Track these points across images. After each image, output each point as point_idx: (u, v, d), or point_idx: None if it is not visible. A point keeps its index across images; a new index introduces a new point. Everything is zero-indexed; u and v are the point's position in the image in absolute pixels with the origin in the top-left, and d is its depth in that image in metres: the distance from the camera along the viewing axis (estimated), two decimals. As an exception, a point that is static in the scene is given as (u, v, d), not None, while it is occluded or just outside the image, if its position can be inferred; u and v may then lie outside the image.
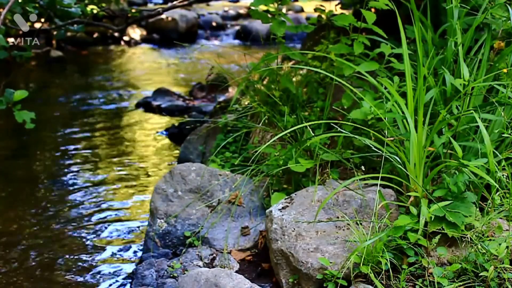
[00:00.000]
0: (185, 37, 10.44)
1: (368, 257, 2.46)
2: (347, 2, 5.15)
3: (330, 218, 2.77)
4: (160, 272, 2.99)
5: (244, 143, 3.85)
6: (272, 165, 3.28)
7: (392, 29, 3.25)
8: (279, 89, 3.73)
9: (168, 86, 7.32)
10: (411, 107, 2.81)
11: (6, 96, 3.49)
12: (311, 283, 2.60)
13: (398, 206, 2.75)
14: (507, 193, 2.60)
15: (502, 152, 2.80)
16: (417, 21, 2.98)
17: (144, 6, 12.21)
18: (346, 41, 3.46)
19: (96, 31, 10.18)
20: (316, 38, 4.29)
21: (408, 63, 2.88)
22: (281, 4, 3.69)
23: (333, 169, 3.16)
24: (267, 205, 3.25)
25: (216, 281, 2.53)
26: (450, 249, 2.57)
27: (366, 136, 2.97)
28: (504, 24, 3.22)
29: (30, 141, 5.47)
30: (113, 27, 7.32)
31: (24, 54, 4.52)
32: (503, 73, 3.03)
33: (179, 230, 3.22)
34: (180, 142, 4.84)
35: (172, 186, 3.33)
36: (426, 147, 2.72)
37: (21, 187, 4.50)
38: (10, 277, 3.30)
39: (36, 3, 4.76)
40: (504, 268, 2.38)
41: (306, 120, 3.42)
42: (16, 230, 3.83)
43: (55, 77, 8.14)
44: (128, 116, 6.44)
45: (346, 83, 2.94)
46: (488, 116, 2.87)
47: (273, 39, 3.77)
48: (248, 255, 3.08)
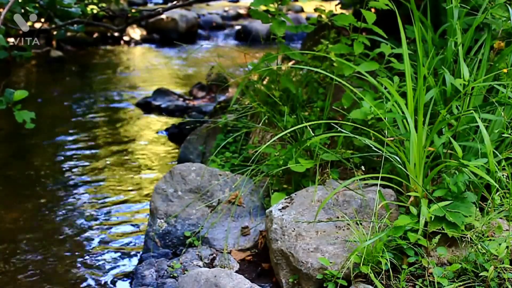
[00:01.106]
0: (185, 37, 10.44)
1: (368, 257, 2.46)
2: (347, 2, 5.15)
3: (330, 218, 2.77)
4: (160, 272, 2.99)
5: (244, 143, 3.85)
6: (272, 165, 3.28)
7: (392, 29, 3.25)
8: (279, 89, 3.73)
9: (168, 86, 7.32)
10: (411, 107, 2.81)
11: (6, 96, 3.49)
12: (311, 283, 2.60)
13: (398, 206, 2.75)
14: (507, 193, 2.60)
15: (502, 152, 2.80)
16: (417, 21, 2.98)
17: (144, 6, 12.21)
18: (346, 41, 3.46)
19: (96, 31, 10.18)
20: (316, 38, 4.29)
21: (408, 63, 2.88)
22: (281, 4, 3.69)
23: (333, 169, 3.16)
24: (267, 205, 3.25)
25: (216, 281, 2.53)
26: (450, 249, 2.57)
27: (366, 136, 2.97)
28: (504, 24, 3.22)
29: (30, 141, 5.47)
30: (113, 27, 7.32)
31: (24, 54, 4.52)
32: (503, 73, 3.03)
33: (179, 230, 3.22)
34: (180, 142, 4.84)
35: (172, 186, 3.33)
36: (426, 147, 2.72)
37: (21, 187, 4.50)
38: (10, 277, 3.30)
39: (36, 3, 4.76)
40: (504, 268, 2.38)
41: (306, 120, 3.42)
42: (16, 230, 3.82)
43: (55, 77, 8.13)
44: (128, 116, 6.44)
45: (346, 83, 2.94)
46: (488, 116, 2.87)
47: (273, 39, 3.78)
48: (248, 255, 3.08)
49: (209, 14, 11.94)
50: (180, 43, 7.43)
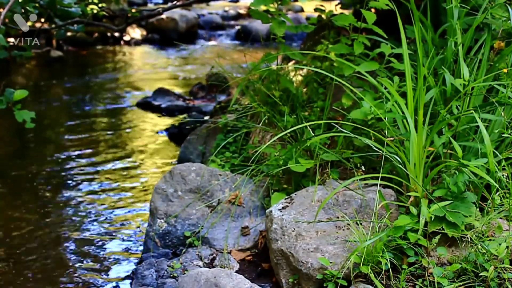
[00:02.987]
0: (185, 37, 10.43)
1: (368, 257, 2.46)
2: (347, 2, 5.15)
3: (330, 218, 2.77)
4: (160, 272, 2.99)
5: (244, 143, 3.85)
6: (272, 165, 3.28)
7: (392, 29, 3.25)
8: (279, 89, 3.73)
9: (168, 86, 7.32)
10: (411, 107, 2.81)
11: (6, 95, 3.48)
12: (311, 283, 2.60)
13: (398, 206, 2.75)
14: (507, 193, 2.60)
15: (502, 152, 2.80)
16: (417, 21, 2.98)
17: (144, 6, 12.20)
18: (346, 41, 3.46)
19: (96, 31, 10.17)
20: (316, 38, 4.29)
21: (408, 63, 2.88)
22: (281, 4, 3.69)
23: (333, 169, 3.16)
24: (267, 205, 3.25)
25: (216, 281, 2.53)
26: (450, 249, 2.57)
27: (366, 136, 2.97)
28: (504, 24, 3.22)
29: (30, 141, 5.47)
30: (113, 27, 7.32)
31: (24, 54, 4.52)
32: (503, 73, 3.03)
33: (179, 230, 3.22)
34: (180, 142, 4.84)
35: (172, 186, 3.33)
36: (426, 147, 2.72)
37: (21, 187, 4.51)
38: (10, 277, 3.30)
39: (36, 3, 4.76)
40: (504, 268, 2.38)
41: (306, 120, 3.42)
42: (16, 230, 3.83)
43: (55, 77, 8.13)
44: (128, 116, 6.44)
45: (346, 83, 2.94)
46: (488, 116, 2.87)
47: (273, 39, 3.77)
48: (248, 255, 3.08)
49: (209, 14, 11.93)
50: (180, 43, 7.44)
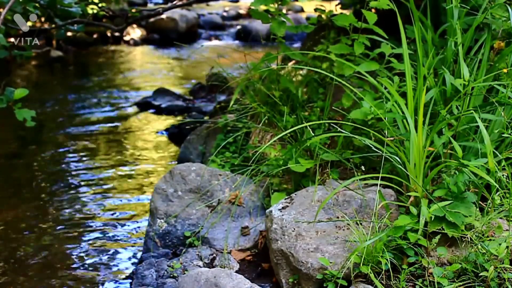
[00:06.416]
0: (185, 37, 10.43)
1: (368, 257, 2.46)
2: (347, 2, 5.14)
3: (330, 218, 2.77)
4: (160, 272, 2.99)
5: (244, 143, 3.85)
6: (272, 165, 3.28)
7: (392, 29, 3.25)
8: (279, 89, 3.73)
9: (168, 86, 7.32)
10: (411, 107, 2.81)
11: (7, 94, 3.48)
12: (311, 283, 2.60)
13: (398, 206, 2.75)
14: (507, 193, 2.60)
15: (502, 152, 2.80)
16: (417, 21, 2.98)
17: (144, 6, 12.20)
18: (346, 41, 3.46)
19: (96, 31, 10.18)
20: (316, 38, 4.28)
21: (408, 63, 2.88)
22: (281, 4, 3.69)
23: (333, 169, 3.16)
24: (267, 205, 3.25)
25: (216, 281, 2.53)
26: (450, 249, 2.57)
27: (366, 136, 2.97)
28: (504, 24, 3.22)
29: (30, 140, 5.47)
30: (113, 27, 7.32)
31: (24, 54, 4.52)
32: (503, 73, 3.03)
33: (179, 230, 3.22)
34: (180, 142, 4.84)
35: (172, 186, 3.33)
36: (426, 147, 2.72)
37: (21, 187, 4.51)
38: (10, 277, 3.30)
39: (36, 3, 4.75)
40: (504, 268, 2.38)
41: (306, 120, 3.42)
42: (16, 230, 3.83)
43: (55, 77, 8.14)
44: (128, 116, 6.44)
45: (346, 83, 2.94)
46: (488, 116, 2.87)
47: (273, 39, 3.77)
48: (248, 255, 3.08)
49: (209, 14, 11.94)
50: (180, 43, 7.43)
